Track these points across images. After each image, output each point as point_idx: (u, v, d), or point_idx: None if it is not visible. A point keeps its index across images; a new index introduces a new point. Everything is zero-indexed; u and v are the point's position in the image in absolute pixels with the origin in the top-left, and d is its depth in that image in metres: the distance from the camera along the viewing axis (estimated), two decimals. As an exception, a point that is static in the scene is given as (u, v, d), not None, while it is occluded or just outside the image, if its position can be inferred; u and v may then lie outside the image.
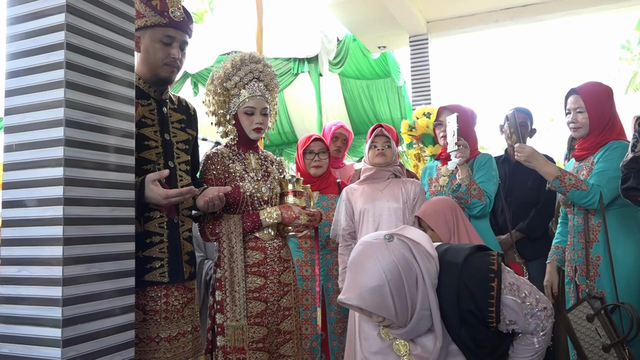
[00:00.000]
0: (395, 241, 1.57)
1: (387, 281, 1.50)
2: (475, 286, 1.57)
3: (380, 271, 1.51)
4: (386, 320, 1.55)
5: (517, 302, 1.58)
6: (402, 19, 4.85)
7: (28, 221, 1.39)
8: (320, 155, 2.93)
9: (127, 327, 1.52)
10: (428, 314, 1.56)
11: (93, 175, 1.44)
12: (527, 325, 1.60)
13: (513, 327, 1.61)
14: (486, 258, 1.63)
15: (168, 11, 1.88)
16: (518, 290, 1.60)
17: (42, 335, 1.35)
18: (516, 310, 1.58)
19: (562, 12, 4.85)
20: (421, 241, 1.62)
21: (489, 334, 1.62)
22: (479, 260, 1.63)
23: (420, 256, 1.57)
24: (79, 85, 1.41)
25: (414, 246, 1.58)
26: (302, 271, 2.79)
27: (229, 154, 2.19)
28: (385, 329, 1.71)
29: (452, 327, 1.59)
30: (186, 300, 1.94)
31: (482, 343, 1.61)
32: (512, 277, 1.63)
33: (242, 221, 2.10)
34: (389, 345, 1.71)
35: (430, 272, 1.57)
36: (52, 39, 1.39)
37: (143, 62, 1.91)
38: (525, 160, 2.45)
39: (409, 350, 1.67)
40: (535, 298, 1.61)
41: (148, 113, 1.91)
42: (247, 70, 2.15)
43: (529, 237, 3.11)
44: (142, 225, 1.81)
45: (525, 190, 3.14)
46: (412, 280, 1.54)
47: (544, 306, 1.61)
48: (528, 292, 1.61)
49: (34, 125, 1.40)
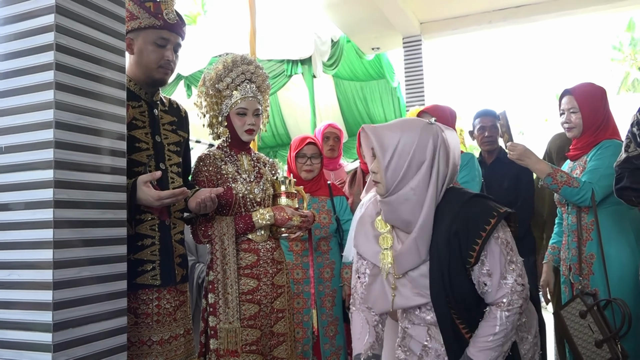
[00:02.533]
0: (434, 128, 1.59)
1: (400, 138, 1.55)
2: (474, 216, 1.53)
3: (403, 128, 1.58)
4: (377, 175, 1.59)
5: (503, 258, 1.52)
6: (396, 20, 4.86)
7: (18, 224, 1.38)
8: (312, 159, 2.91)
9: (119, 331, 1.51)
10: (414, 200, 1.55)
11: (84, 177, 1.42)
12: (499, 288, 1.51)
13: (485, 280, 1.53)
14: (496, 206, 1.55)
15: (162, 13, 1.87)
16: (510, 251, 1.54)
17: (32, 340, 1.33)
18: (497, 263, 1.51)
19: (555, 13, 4.87)
20: (453, 148, 1.61)
21: (462, 277, 1.55)
22: (490, 202, 1.58)
23: (441, 155, 1.57)
24: (69, 86, 1.39)
25: (442, 145, 1.58)
26: (293, 274, 2.78)
27: (221, 156, 2.18)
28: (380, 221, 1.70)
29: (436, 246, 1.56)
30: (178, 303, 1.93)
31: (452, 281, 1.55)
32: (511, 239, 1.57)
33: (235, 223, 2.09)
34: (376, 236, 1.69)
35: (439, 174, 1.56)
36: (42, 40, 1.38)
37: (136, 64, 1.89)
38: (518, 158, 2.48)
39: (390, 245, 1.65)
40: (520, 273, 1.54)
41: (139, 115, 1.90)
42: (239, 72, 2.15)
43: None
44: (133, 228, 1.80)
45: (501, 191, 3.16)
46: (418, 161, 1.55)
47: (522, 284, 1.53)
48: (517, 263, 1.54)
49: (24, 128, 1.38)
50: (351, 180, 3.33)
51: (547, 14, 4.87)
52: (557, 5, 4.80)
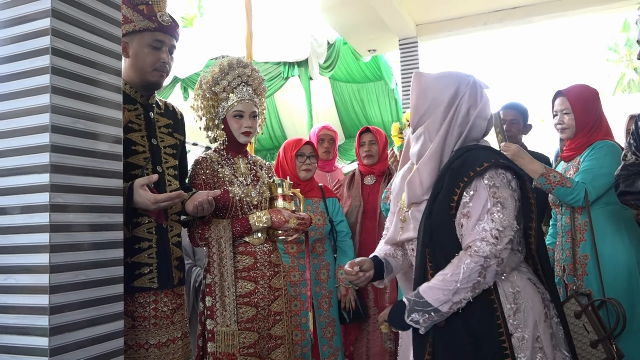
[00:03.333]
0: (467, 78, 1.63)
1: (430, 81, 1.64)
2: (473, 156, 1.51)
3: (439, 74, 1.65)
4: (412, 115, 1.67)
5: (486, 204, 1.45)
6: (392, 22, 4.86)
7: (14, 228, 1.37)
8: (310, 158, 2.93)
9: (116, 334, 1.50)
10: (426, 137, 1.61)
11: (80, 181, 1.42)
12: (472, 231, 1.45)
13: (463, 222, 1.48)
14: (500, 158, 1.51)
15: (156, 15, 1.87)
16: (498, 204, 1.44)
17: (29, 345, 1.33)
18: (479, 207, 1.45)
19: (551, 14, 4.88)
20: (482, 103, 1.62)
21: (445, 217, 1.51)
22: (495, 154, 1.53)
23: (464, 101, 1.59)
24: (65, 90, 1.39)
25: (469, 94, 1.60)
26: (289, 277, 2.78)
27: (217, 159, 2.18)
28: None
29: (436, 184, 1.56)
30: (175, 306, 1.93)
31: (434, 218, 1.52)
32: (509, 197, 1.47)
33: (232, 226, 2.09)
34: (404, 177, 1.73)
35: (457, 118, 1.59)
36: (37, 43, 1.37)
37: (132, 67, 1.89)
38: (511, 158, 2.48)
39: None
40: (499, 228, 1.42)
41: (135, 118, 1.90)
42: (235, 75, 2.15)
43: None
44: (130, 231, 1.80)
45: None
46: (438, 102, 1.60)
47: (497, 237, 1.42)
48: (502, 218, 1.43)
49: (20, 131, 1.38)
50: (349, 182, 3.33)
51: (543, 15, 4.89)
52: (553, 7, 4.82)
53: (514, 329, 1.46)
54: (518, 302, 1.48)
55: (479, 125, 1.61)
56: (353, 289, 2.93)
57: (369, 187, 3.25)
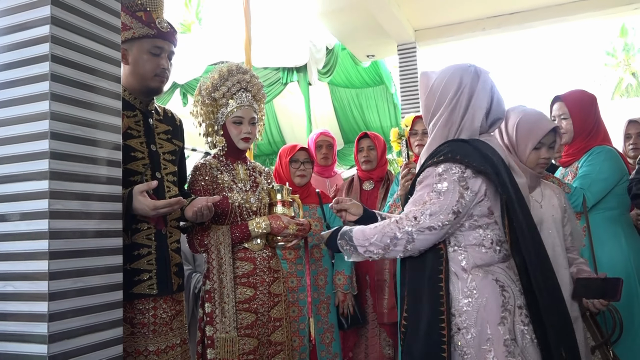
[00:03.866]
0: (470, 69, 1.66)
1: (435, 79, 1.70)
2: (444, 148, 1.61)
3: (443, 70, 1.70)
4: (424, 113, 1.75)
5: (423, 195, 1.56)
6: (390, 27, 4.88)
7: (13, 235, 1.37)
8: (305, 164, 2.92)
9: (115, 341, 1.50)
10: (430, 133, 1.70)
11: (79, 188, 1.42)
12: (407, 207, 1.60)
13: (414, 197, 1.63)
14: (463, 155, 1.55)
15: (154, 22, 1.88)
16: (435, 198, 1.53)
17: (28, 352, 1.33)
18: (422, 191, 1.58)
19: (549, 20, 4.90)
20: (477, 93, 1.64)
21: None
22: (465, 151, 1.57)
23: (465, 93, 1.63)
24: (65, 97, 1.39)
25: (469, 86, 1.64)
26: (288, 282, 2.77)
27: (217, 165, 2.18)
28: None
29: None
30: (174, 313, 1.92)
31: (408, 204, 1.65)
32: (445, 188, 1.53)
33: (231, 232, 2.09)
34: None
35: (457, 111, 1.64)
36: (37, 50, 1.38)
37: (131, 73, 1.90)
38: None
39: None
40: (427, 215, 1.51)
41: (134, 124, 1.90)
42: (234, 81, 2.15)
43: None
44: (129, 237, 1.80)
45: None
46: (444, 97, 1.65)
47: (416, 217, 1.52)
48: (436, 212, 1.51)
49: (19, 138, 1.38)
50: (348, 188, 3.33)
51: (541, 20, 4.91)
52: (551, 12, 4.84)
53: (461, 323, 1.51)
54: (471, 300, 1.52)
55: (477, 117, 1.63)
56: (351, 294, 2.93)
57: (367, 192, 3.25)
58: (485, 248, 1.56)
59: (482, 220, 1.56)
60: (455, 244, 1.57)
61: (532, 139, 2.00)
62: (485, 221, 1.56)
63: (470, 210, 1.55)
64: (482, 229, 1.57)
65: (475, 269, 1.55)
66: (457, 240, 1.57)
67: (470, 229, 1.56)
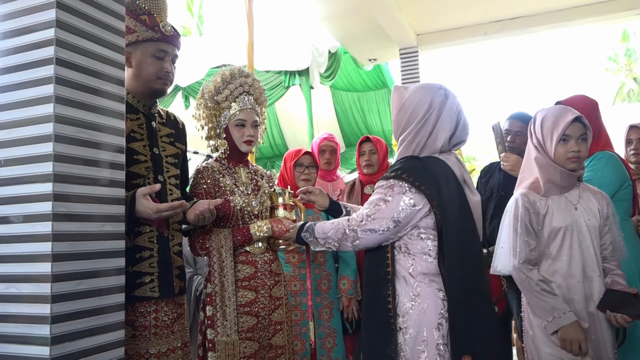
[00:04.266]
0: (439, 91, 1.79)
1: (407, 96, 1.81)
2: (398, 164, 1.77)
3: (416, 88, 1.83)
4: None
5: (377, 197, 1.74)
6: (393, 32, 4.89)
7: (16, 237, 1.38)
8: (309, 169, 2.93)
9: (117, 344, 1.50)
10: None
11: (82, 190, 1.43)
12: (360, 210, 1.78)
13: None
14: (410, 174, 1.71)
15: (159, 26, 1.88)
16: (379, 205, 1.72)
17: (30, 354, 1.33)
18: (373, 197, 1.75)
19: (550, 25, 4.91)
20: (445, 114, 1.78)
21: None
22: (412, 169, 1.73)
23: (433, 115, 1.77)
24: (69, 100, 1.40)
25: (438, 107, 1.76)
26: (290, 286, 2.77)
27: (219, 168, 2.19)
28: None
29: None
30: (176, 316, 1.92)
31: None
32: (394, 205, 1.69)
33: (233, 235, 2.09)
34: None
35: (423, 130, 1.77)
36: (42, 54, 1.38)
37: (135, 76, 1.90)
38: (511, 169, 2.49)
39: None
40: (373, 217, 1.70)
41: (137, 127, 1.90)
42: (237, 84, 2.16)
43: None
44: (131, 240, 1.80)
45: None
46: (414, 116, 1.78)
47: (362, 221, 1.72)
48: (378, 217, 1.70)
49: (23, 141, 1.39)
50: (349, 191, 3.33)
51: (542, 25, 4.92)
52: (552, 18, 4.85)
53: (402, 323, 1.69)
54: (414, 304, 1.69)
55: (440, 137, 1.78)
56: (355, 299, 2.93)
57: (368, 196, 3.24)
58: (431, 258, 1.71)
59: (429, 232, 1.71)
60: (405, 251, 1.73)
61: (556, 131, 2.03)
62: (432, 233, 1.71)
63: (416, 222, 1.70)
64: (430, 240, 1.71)
65: (421, 276, 1.70)
66: (407, 248, 1.73)
67: (418, 239, 1.72)
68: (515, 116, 3.17)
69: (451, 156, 1.81)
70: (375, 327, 1.72)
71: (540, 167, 2.10)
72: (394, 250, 1.74)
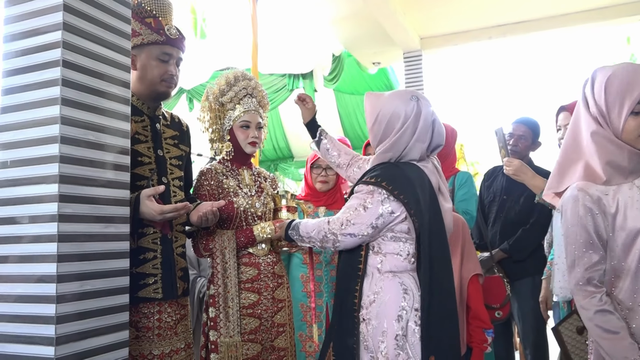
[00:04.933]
0: (412, 102, 1.80)
1: (382, 107, 1.83)
2: (377, 171, 1.81)
3: (389, 98, 1.85)
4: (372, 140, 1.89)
5: (356, 202, 1.78)
6: (397, 35, 4.91)
7: (22, 238, 1.39)
8: (327, 170, 2.85)
9: (121, 344, 1.51)
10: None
11: (88, 191, 1.44)
12: (339, 213, 1.83)
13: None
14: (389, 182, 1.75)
15: (163, 29, 1.90)
16: (357, 210, 1.76)
17: (35, 354, 1.34)
18: (352, 202, 1.80)
19: (554, 29, 4.92)
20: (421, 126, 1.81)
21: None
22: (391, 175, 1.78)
23: (409, 126, 1.79)
24: (75, 102, 1.41)
25: (414, 119, 1.79)
26: (306, 287, 2.74)
27: (222, 170, 2.20)
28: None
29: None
30: (179, 317, 1.93)
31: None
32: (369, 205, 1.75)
33: (236, 236, 2.10)
34: None
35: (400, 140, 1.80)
36: (48, 56, 1.40)
37: (139, 79, 1.92)
38: (514, 174, 2.49)
39: None
40: (353, 222, 1.75)
41: (141, 129, 1.92)
42: (241, 87, 2.18)
43: (511, 258, 3.03)
44: (135, 242, 1.81)
45: (516, 207, 3.09)
46: (390, 128, 1.81)
47: (342, 223, 1.77)
48: (354, 221, 1.75)
49: (29, 142, 1.40)
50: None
51: (547, 30, 4.93)
52: (556, 22, 4.85)
53: (365, 314, 1.75)
54: (376, 297, 1.74)
55: (417, 148, 1.82)
56: None
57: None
58: (402, 258, 1.78)
59: (402, 236, 1.77)
60: (378, 250, 1.79)
61: (629, 99, 1.50)
62: (405, 236, 1.78)
63: (392, 226, 1.76)
64: (402, 242, 1.78)
65: (387, 273, 1.77)
66: (380, 247, 1.79)
67: (391, 240, 1.78)
68: (519, 120, 3.18)
69: (429, 164, 1.87)
70: (341, 319, 1.80)
71: (598, 145, 1.55)
72: (367, 249, 1.81)
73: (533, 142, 3.16)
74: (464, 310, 2.24)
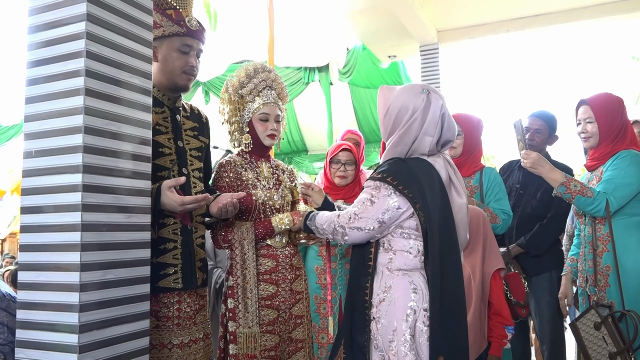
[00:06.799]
0: (422, 96, 1.80)
1: (392, 100, 1.83)
2: (384, 167, 1.82)
3: (400, 91, 1.85)
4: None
5: (364, 197, 1.79)
6: (413, 28, 4.87)
7: (46, 227, 1.41)
8: (346, 165, 2.84)
9: (142, 333, 1.53)
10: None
11: (110, 182, 1.45)
12: (349, 207, 1.85)
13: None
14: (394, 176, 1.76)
15: (184, 20, 1.90)
16: (363, 205, 1.78)
17: (58, 341, 1.36)
18: (361, 197, 1.81)
19: (573, 23, 4.86)
20: (429, 120, 1.79)
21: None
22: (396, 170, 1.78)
23: (417, 119, 1.78)
24: (98, 92, 1.42)
25: (422, 112, 1.78)
26: (320, 279, 2.73)
27: (241, 162, 2.20)
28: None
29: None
30: (198, 307, 1.95)
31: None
32: (381, 205, 1.75)
33: (255, 228, 2.11)
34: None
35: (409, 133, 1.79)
36: (72, 47, 1.41)
37: (160, 71, 1.92)
38: (531, 166, 2.47)
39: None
40: (352, 218, 1.77)
41: (162, 120, 1.93)
42: (260, 79, 2.18)
43: (529, 253, 3.00)
44: (156, 232, 1.82)
45: (533, 202, 3.06)
46: (399, 120, 1.81)
47: (350, 217, 1.78)
48: (362, 215, 1.77)
49: (53, 132, 1.42)
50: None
51: (566, 23, 4.86)
52: (575, 15, 4.79)
53: (375, 312, 1.76)
54: (386, 295, 1.75)
55: (425, 142, 1.81)
56: None
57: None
58: (412, 256, 1.77)
59: (412, 233, 1.77)
60: (388, 247, 1.79)
61: None
62: (414, 233, 1.77)
63: (400, 222, 1.76)
64: (412, 239, 1.77)
65: (397, 271, 1.76)
66: (390, 244, 1.79)
67: (401, 237, 1.78)
68: (535, 114, 3.15)
69: (439, 158, 1.85)
70: (352, 316, 1.81)
71: None
72: (377, 246, 1.81)
73: (549, 135, 3.14)
74: (486, 305, 2.23)
